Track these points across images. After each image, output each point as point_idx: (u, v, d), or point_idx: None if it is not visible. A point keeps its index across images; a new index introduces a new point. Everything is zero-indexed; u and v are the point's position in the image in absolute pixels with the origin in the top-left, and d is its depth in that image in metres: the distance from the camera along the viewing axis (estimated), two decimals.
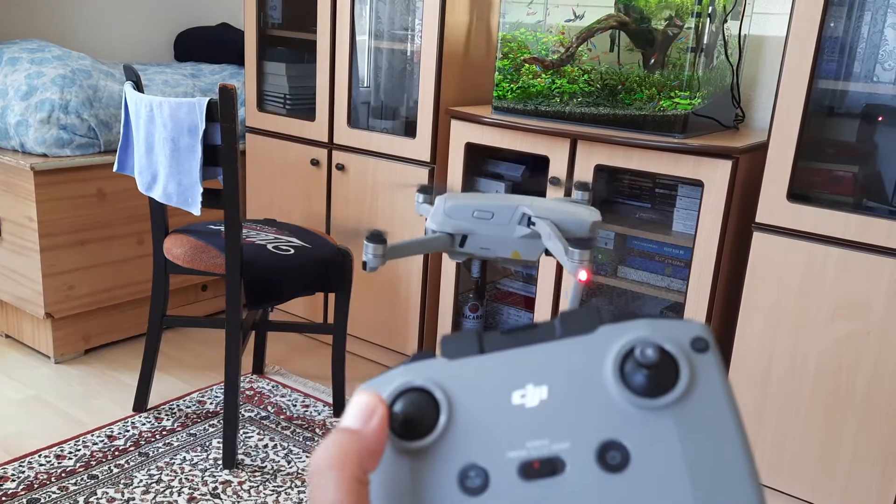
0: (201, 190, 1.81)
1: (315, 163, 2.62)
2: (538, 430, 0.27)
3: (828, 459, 1.81)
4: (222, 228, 2.12)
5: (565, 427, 0.27)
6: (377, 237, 1.24)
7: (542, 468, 0.27)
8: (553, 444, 0.27)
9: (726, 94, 2.10)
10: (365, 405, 0.28)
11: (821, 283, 1.75)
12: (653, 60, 1.94)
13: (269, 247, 2.04)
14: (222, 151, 1.81)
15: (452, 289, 2.38)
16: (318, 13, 2.51)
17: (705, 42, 1.89)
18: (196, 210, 1.82)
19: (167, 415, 2.21)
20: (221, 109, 1.76)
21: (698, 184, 1.90)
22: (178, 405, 2.27)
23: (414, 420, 0.28)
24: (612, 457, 0.26)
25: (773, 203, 1.79)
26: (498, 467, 0.27)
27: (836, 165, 1.86)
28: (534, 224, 1.29)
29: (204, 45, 3.24)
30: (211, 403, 2.29)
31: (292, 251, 2.04)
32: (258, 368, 2.50)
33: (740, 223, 1.93)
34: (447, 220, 1.29)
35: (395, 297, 2.51)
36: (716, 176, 1.84)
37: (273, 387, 2.42)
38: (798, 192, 1.79)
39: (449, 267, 2.39)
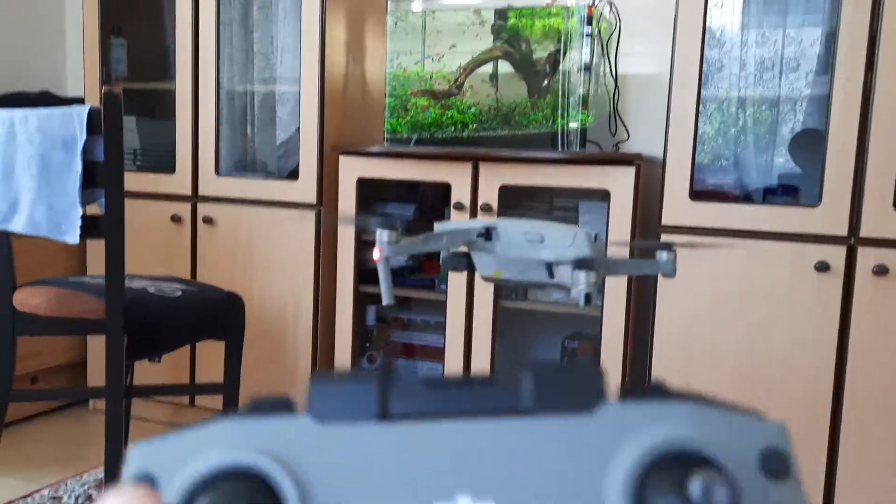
0: (81, 212, 1.53)
1: (177, 219, 2.36)
2: None
3: None
4: (85, 280, 1.82)
5: None
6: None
7: None
8: None
9: (605, 120, 2.22)
10: None
11: (728, 273, 1.84)
12: (546, 83, 2.01)
13: (151, 289, 1.77)
14: (105, 169, 1.56)
15: (350, 336, 2.21)
16: (178, 60, 2.34)
17: (592, 62, 2.01)
18: (73, 238, 1.54)
19: None
20: (106, 118, 1.53)
21: (602, 195, 1.95)
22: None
23: None
24: None
25: (676, 204, 1.88)
26: None
27: (726, 173, 2.01)
28: None
29: None
30: (69, 498, 1.87)
31: (179, 293, 1.78)
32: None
33: (644, 228, 2.00)
34: None
35: (283, 348, 2.27)
36: (623, 182, 1.90)
37: None
38: (697, 192, 1.90)
39: (343, 313, 2.21)
